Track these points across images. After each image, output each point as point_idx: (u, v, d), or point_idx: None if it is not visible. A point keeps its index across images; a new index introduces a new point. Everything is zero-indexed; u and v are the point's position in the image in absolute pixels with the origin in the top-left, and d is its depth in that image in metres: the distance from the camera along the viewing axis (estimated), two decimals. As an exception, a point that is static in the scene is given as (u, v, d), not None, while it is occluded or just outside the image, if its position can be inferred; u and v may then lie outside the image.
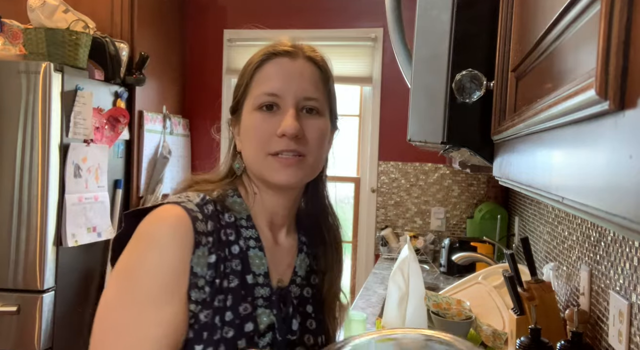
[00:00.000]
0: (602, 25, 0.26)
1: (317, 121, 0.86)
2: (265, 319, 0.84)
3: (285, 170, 0.83)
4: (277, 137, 0.82)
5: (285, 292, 0.88)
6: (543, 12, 0.48)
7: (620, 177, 0.24)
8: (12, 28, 2.60)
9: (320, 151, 0.88)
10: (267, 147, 0.83)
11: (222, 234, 0.82)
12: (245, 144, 0.88)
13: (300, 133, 0.83)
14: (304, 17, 3.31)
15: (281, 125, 0.82)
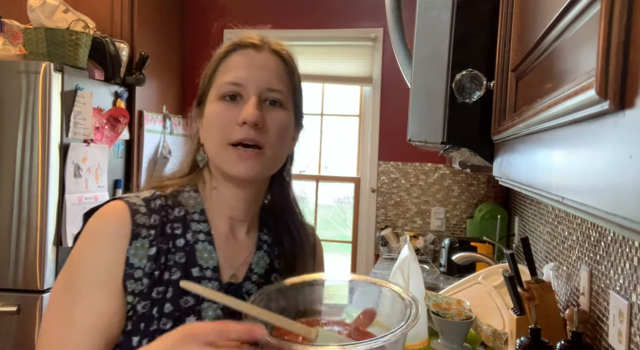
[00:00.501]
0: (602, 25, 0.26)
1: (279, 113, 0.86)
2: (210, 313, 0.83)
3: (244, 163, 0.82)
4: (237, 126, 0.82)
5: (236, 288, 0.87)
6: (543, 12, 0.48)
7: (620, 177, 0.24)
8: (12, 28, 2.60)
9: (280, 144, 0.87)
10: (227, 136, 0.83)
11: (167, 228, 0.83)
12: (208, 135, 0.87)
13: (261, 122, 0.82)
14: (304, 17, 3.31)
15: (242, 113, 0.82)
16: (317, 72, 3.38)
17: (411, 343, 1.61)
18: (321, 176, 3.50)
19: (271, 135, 0.84)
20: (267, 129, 0.84)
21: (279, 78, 0.87)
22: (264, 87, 0.85)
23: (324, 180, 3.49)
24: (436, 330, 1.66)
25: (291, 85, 0.90)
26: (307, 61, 3.39)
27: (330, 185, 3.51)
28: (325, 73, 3.37)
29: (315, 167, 3.53)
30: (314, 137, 3.51)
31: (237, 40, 0.89)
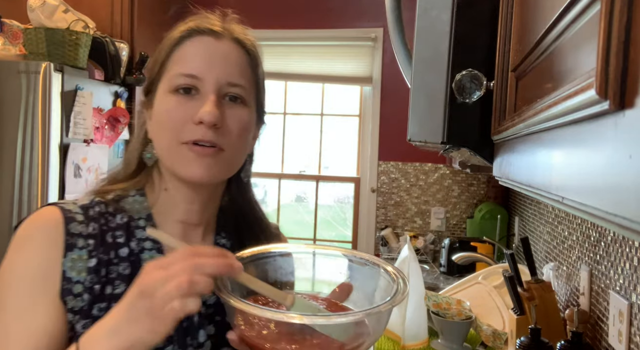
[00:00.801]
0: (602, 25, 0.26)
1: (241, 111, 0.77)
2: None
3: (199, 162, 0.73)
4: (193, 125, 0.73)
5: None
6: (543, 12, 0.48)
7: (620, 176, 0.24)
8: (12, 28, 2.60)
9: (241, 145, 0.79)
10: (180, 134, 0.73)
11: (108, 237, 0.74)
12: (157, 131, 0.77)
13: (220, 122, 0.73)
14: (304, 17, 3.31)
15: (199, 112, 0.73)
16: (317, 72, 3.38)
17: (411, 343, 1.61)
18: (321, 176, 3.50)
19: (231, 135, 0.75)
20: (227, 129, 0.75)
21: (241, 71, 0.78)
22: (223, 81, 0.75)
23: (324, 180, 3.49)
24: (436, 330, 1.66)
25: (254, 79, 0.81)
26: (307, 61, 3.39)
27: (330, 185, 3.51)
28: (325, 73, 3.37)
29: (315, 167, 3.53)
30: (314, 137, 3.52)
31: (194, 25, 0.79)
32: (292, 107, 3.57)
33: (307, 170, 3.56)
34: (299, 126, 3.58)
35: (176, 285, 0.54)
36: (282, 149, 3.57)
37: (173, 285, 0.54)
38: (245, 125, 0.78)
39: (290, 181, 3.58)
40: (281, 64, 3.41)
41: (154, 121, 0.78)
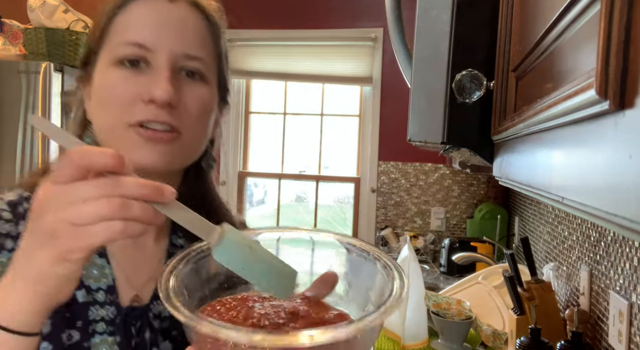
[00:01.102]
0: (602, 25, 0.26)
1: (200, 89, 0.66)
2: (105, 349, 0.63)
3: (152, 148, 0.62)
4: (142, 104, 0.62)
5: (141, 313, 0.66)
6: (543, 12, 0.48)
7: (620, 177, 0.24)
8: (12, 28, 2.60)
9: (201, 128, 0.67)
10: (127, 115, 0.62)
11: None
12: (98, 111, 0.65)
13: (175, 101, 0.62)
14: (304, 17, 3.31)
15: (150, 88, 0.61)
16: (317, 72, 3.38)
17: (411, 343, 1.61)
18: (321, 176, 3.50)
19: (189, 117, 0.64)
20: (184, 109, 0.64)
21: (201, 41, 0.67)
22: (179, 52, 0.64)
23: (324, 180, 3.49)
24: (436, 330, 1.66)
25: (216, 52, 0.71)
26: (307, 61, 3.39)
27: (330, 185, 3.51)
28: (325, 73, 3.37)
29: (315, 167, 3.53)
30: (314, 137, 3.52)
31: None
32: (292, 107, 3.57)
33: (307, 170, 3.56)
34: (299, 126, 3.58)
35: (99, 204, 0.42)
36: (282, 149, 3.57)
37: (94, 204, 0.42)
38: (206, 106, 0.67)
39: (290, 181, 3.59)
40: (281, 64, 3.41)
41: (93, 99, 0.66)
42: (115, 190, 0.42)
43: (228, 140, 3.50)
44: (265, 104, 3.62)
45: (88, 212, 0.41)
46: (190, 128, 0.65)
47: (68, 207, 0.42)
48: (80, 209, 0.42)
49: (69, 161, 0.42)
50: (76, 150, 0.43)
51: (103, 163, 0.42)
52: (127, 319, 0.64)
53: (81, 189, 0.42)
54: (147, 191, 0.43)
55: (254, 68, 3.46)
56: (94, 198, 0.42)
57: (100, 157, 0.42)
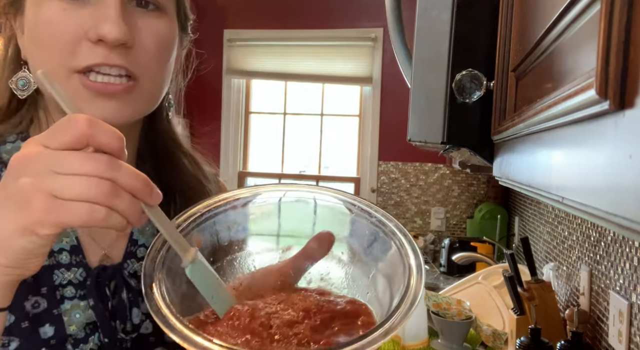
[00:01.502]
0: (602, 25, 0.26)
1: (158, 22, 0.56)
2: (78, 316, 0.56)
3: (103, 103, 0.53)
4: (88, 43, 0.51)
5: (112, 272, 0.59)
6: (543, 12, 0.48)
7: (620, 177, 0.24)
8: (12, 28, 2.60)
9: (161, 70, 0.58)
10: (70, 58, 0.52)
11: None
12: (33, 50, 0.55)
13: (130, 39, 0.52)
14: (304, 17, 3.31)
15: (97, 24, 0.51)
16: (317, 72, 3.38)
17: (411, 343, 1.61)
18: (321, 176, 3.50)
19: (147, 58, 0.55)
20: (141, 48, 0.54)
21: None
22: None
23: (324, 181, 3.49)
24: (436, 330, 1.66)
25: None
26: (307, 61, 3.39)
27: (330, 185, 3.51)
28: (325, 73, 3.37)
29: (315, 167, 3.53)
30: (314, 137, 3.52)
31: None
32: (292, 107, 3.57)
33: (307, 170, 3.56)
34: (299, 126, 3.58)
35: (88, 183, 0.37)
36: (282, 149, 3.57)
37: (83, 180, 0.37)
38: (166, 42, 0.57)
39: (290, 181, 3.58)
40: (281, 64, 3.42)
41: (27, 35, 0.55)
42: (108, 172, 0.37)
43: (228, 140, 3.50)
44: (265, 104, 3.62)
45: (73, 186, 0.36)
46: (150, 71, 0.56)
47: (52, 175, 0.37)
48: (65, 181, 0.37)
49: (70, 127, 0.37)
50: (84, 117, 0.38)
51: (107, 142, 0.38)
52: (98, 279, 0.58)
53: (72, 159, 0.37)
54: (139, 186, 0.39)
55: (254, 68, 3.46)
56: (85, 173, 0.37)
57: (106, 135, 0.38)
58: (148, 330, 0.61)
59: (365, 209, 0.50)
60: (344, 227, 0.53)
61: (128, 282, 0.60)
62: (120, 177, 0.38)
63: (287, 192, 0.54)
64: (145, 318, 0.61)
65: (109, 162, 0.38)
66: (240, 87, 3.56)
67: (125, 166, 0.39)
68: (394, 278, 0.46)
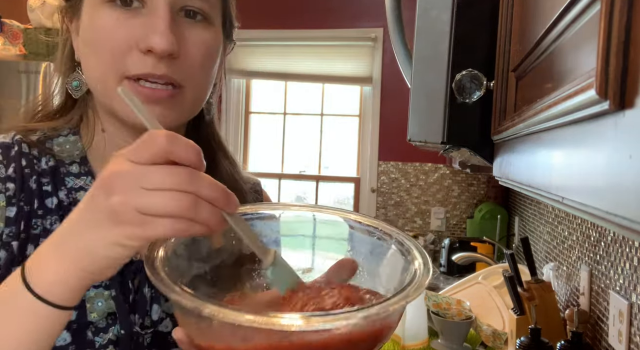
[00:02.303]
0: (602, 25, 0.26)
1: (204, 33, 0.58)
2: (100, 304, 0.58)
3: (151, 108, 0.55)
4: (139, 53, 0.55)
5: (137, 267, 0.61)
6: (543, 12, 0.48)
7: (620, 177, 0.24)
8: (12, 28, 2.60)
9: (205, 79, 0.61)
10: (121, 65, 0.55)
11: (32, 182, 0.59)
12: (87, 54, 0.58)
13: (177, 51, 0.55)
14: (304, 17, 3.31)
15: (147, 35, 0.54)
16: (317, 72, 3.38)
17: (411, 343, 1.61)
18: (321, 176, 3.50)
19: (192, 68, 0.58)
20: (186, 58, 0.57)
21: None
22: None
23: (324, 180, 3.49)
24: (436, 330, 1.66)
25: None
26: (307, 61, 3.39)
27: (330, 185, 3.51)
28: (325, 73, 3.37)
29: (315, 167, 3.53)
30: (314, 137, 3.52)
31: None
32: (292, 107, 3.57)
33: (307, 170, 3.56)
34: (299, 126, 3.58)
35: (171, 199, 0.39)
36: (282, 149, 3.57)
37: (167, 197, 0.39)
38: (211, 52, 0.60)
39: (290, 181, 3.59)
40: (281, 64, 3.42)
41: (82, 38, 0.59)
42: (190, 186, 0.40)
43: (228, 140, 3.50)
44: (265, 104, 3.62)
45: (158, 203, 0.39)
46: (194, 80, 0.59)
47: (139, 192, 0.39)
48: (150, 198, 0.39)
49: (153, 143, 0.40)
50: (165, 133, 0.40)
51: (187, 157, 0.40)
52: (124, 272, 0.60)
53: (156, 175, 0.39)
54: (217, 195, 0.41)
55: (254, 68, 3.46)
56: (168, 188, 0.39)
57: (185, 150, 0.40)
58: (167, 329, 0.62)
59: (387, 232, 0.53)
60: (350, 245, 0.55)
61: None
62: (200, 189, 0.40)
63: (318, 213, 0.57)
64: (166, 316, 0.62)
65: (190, 174, 0.40)
66: (240, 87, 3.56)
67: (204, 178, 0.41)
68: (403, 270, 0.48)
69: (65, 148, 0.63)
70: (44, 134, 0.63)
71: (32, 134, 0.63)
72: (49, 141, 0.63)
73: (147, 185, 0.39)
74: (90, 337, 0.57)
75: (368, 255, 0.54)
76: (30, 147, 0.61)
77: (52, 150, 0.62)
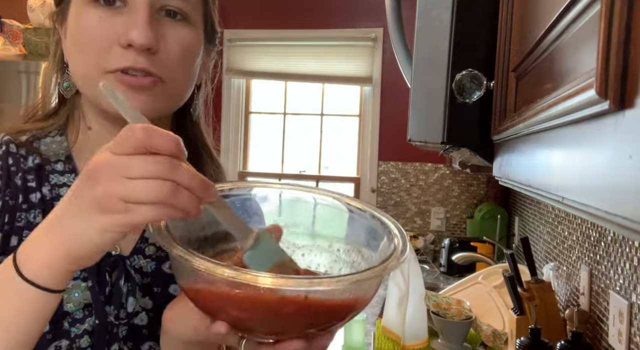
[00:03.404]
0: (602, 25, 0.26)
1: (183, 31, 0.62)
2: (77, 295, 0.61)
3: (134, 96, 0.59)
4: (120, 48, 0.58)
5: (115, 260, 0.63)
6: (543, 12, 0.48)
7: (620, 176, 0.24)
8: (12, 28, 2.60)
9: (185, 75, 0.64)
10: (104, 60, 0.59)
11: (17, 178, 0.62)
12: (74, 53, 0.62)
13: (155, 45, 0.58)
14: (304, 17, 3.31)
15: (127, 30, 0.57)
16: (317, 72, 3.38)
17: (411, 343, 1.61)
18: (321, 176, 3.50)
19: (172, 62, 0.61)
20: (166, 54, 0.60)
21: None
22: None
23: (324, 181, 3.48)
24: (436, 330, 1.66)
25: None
26: (307, 61, 3.39)
27: (330, 185, 3.51)
28: (325, 73, 3.37)
29: (315, 167, 3.53)
30: (314, 137, 3.52)
31: None
32: (292, 107, 3.57)
33: (307, 170, 3.56)
34: (299, 126, 3.58)
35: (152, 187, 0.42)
36: (282, 149, 3.57)
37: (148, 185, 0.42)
38: (190, 49, 0.63)
39: (290, 181, 3.58)
40: (281, 64, 3.42)
41: (69, 40, 0.63)
42: (170, 174, 0.42)
43: (228, 140, 3.50)
44: (265, 104, 3.62)
45: (139, 191, 0.42)
46: (174, 75, 0.62)
47: (121, 181, 0.42)
48: (132, 187, 0.42)
49: (133, 136, 0.42)
50: (142, 126, 0.43)
51: (166, 147, 0.43)
52: (101, 264, 0.62)
53: (137, 165, 0.42)
54: (195, 183, 0.44)
55: (254, 68, 3.46)
56: (149, 177, 0.42)
57: (163, 140, 0.43)
58: (142, 322, 0.65)
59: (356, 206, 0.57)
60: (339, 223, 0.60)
61: (129, 272, 0.64)
62: (180, 177, 0.43)
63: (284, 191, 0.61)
64: (142, 310, 0.65)
65: (169, 163, 0.43)
66: (240, 87, 3.56)
67: (183, 167, 0.43)
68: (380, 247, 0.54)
69: (52, 147, 0.66)
70: (32, 135, 0.67)
71: (22, 135, 0.67)
72: (37, 141, 0.67)
73: (129, 175, 0.42)
74: (66, 327, 0.60)
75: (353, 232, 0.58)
76: (18, 147, 0.65)
77: (39, 149, 0.66)
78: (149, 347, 0.64)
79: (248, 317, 0.46)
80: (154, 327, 0.64)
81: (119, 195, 0.42)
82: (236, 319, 0.46)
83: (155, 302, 0.65)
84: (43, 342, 0.58)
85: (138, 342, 0.64)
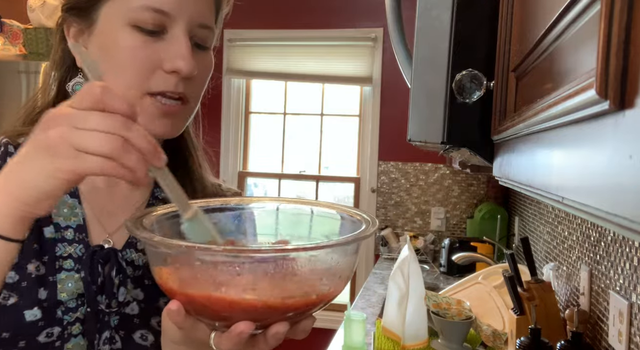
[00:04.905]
0: (602, 25, 0.26)
1: (207, 58, 0.69)
2: (70, 285, 0.65)
3: (166, 121, 0.64)
4: (163, 72, 0.63)
5: (108, 253, 0.66)
6: (543, 12, 0.48)
7: (620, 177, 0.24)
8: (12, 28, 2.60)
9: (201, 93, 0.71)
10: (146, 83, 0.63)
11: None
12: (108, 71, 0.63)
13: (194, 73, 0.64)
14: (304, 17, 3.31)
15: (172, 58, 0.62)
16: (317, 72, 3.38)
17: (411, 343, 1.61)
18: (321, 176, 3.50)
19: (199, 87, 0.68)
20: (197, 79, 0.66)
21: (210, 10, 0.68)
22: (195, 21, 0.65)
23: (324, 181, 3.48)
24: (436, 330, 1.66)
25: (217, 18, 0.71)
26: (306, 61, 3.39)
27: (330, 186, 3.51)
28: (325, 73, 3.37)
29: (315, 167, 3.53)
30: (314, 137, 3.52)
31: None
32: (292, 107, 3.57)
33: (307, 170, 3.56)
34: (299, 126, 3.58)
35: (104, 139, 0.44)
36: (282, 149, 3.57)
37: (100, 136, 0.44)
38: (209, 73, 0.71)
39: (290, 181, 3.59)
40: (281, 64, 3.42)
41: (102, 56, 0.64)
42: (122, 130, 0.44)
43: (228, 140, 3.50)
44: (265, 104, 3.62)
45: (90, 141, 0.44)
46: (197, 96, 0.69)
47: (74, 130, 0.44)
48: (84, 136, 0.44)
49: (91, 92, 0.45)
50: (100, 84, 0.46)
51: (120, 107, 0.45)
52: (94, 256, 0.66)
53: (92, 118, 0.44)
54: (147, 146, 0.46)
55: (254, 68, 3.46)
56: (102, 130, 0.44)
57: (119, 101, 0.45)
58: (134, 312, 0.68)
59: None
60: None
61: (121, 264, 0.67)
62: (132, 136, 0.45)
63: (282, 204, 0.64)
64: (133, 300, 0.68)
65: (123, 122, 0.45)
66: (240, 87, 3.56)
67: (136, 128, 0.46)
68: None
69: None
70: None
71: (21, 137, 0.69)
72: None
73: (84, 126, 0.44)
74: (59, 315, 0.63)
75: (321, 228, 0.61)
76: (16, 149, 0.67)
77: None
78: (141, 335, 0.67)
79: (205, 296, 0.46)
80: (146, 317, 0.67)
81: (70, 141, 0.44)
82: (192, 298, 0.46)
83: (146, 293, 0.68)
84: (35, 328, 0.61)
85: (130, 330, 0.67)
